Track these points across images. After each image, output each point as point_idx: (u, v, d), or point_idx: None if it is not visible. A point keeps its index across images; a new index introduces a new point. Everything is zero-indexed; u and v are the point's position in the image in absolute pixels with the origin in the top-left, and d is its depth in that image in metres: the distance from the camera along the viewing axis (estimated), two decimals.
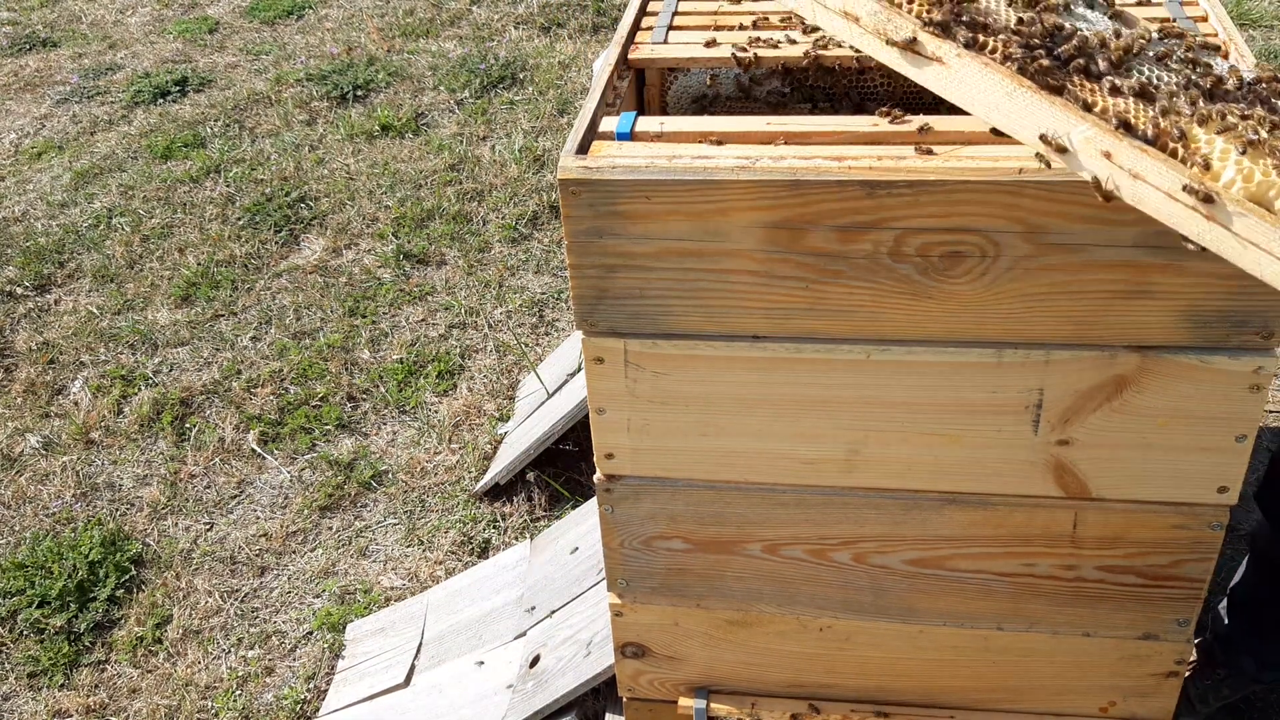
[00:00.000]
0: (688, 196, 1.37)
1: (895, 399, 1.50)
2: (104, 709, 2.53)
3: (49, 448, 3.26)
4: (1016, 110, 1.24)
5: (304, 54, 5.52)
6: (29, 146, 4.93)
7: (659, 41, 1.74)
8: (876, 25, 1.30)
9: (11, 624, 2.74)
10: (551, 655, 2.23)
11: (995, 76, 1.24)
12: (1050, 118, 1.22)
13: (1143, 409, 1.45)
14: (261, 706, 2.50)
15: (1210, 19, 1.67)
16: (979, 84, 1.25)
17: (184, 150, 4.73)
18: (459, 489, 2.99)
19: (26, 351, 3.64)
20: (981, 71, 1.25)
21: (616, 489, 1.66)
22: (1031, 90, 1.22)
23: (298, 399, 3.33)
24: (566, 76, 5.04)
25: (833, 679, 1.82)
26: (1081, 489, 1.54)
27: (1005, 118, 1.25)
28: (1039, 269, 1.36)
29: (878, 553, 1.66)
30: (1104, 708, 1.77)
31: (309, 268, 3.92)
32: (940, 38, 1.26)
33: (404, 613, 2.63)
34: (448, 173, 4.37)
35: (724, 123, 1.47)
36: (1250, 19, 4.98)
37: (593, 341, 1.51)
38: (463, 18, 5.79)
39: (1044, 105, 1.22)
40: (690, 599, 1.76)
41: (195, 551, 2.89)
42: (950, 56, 1.26)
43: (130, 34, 6.02)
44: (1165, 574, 1.60)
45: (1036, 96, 1.22)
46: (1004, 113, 1.25)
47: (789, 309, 1.44)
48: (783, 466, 1.59)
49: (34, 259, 4.08)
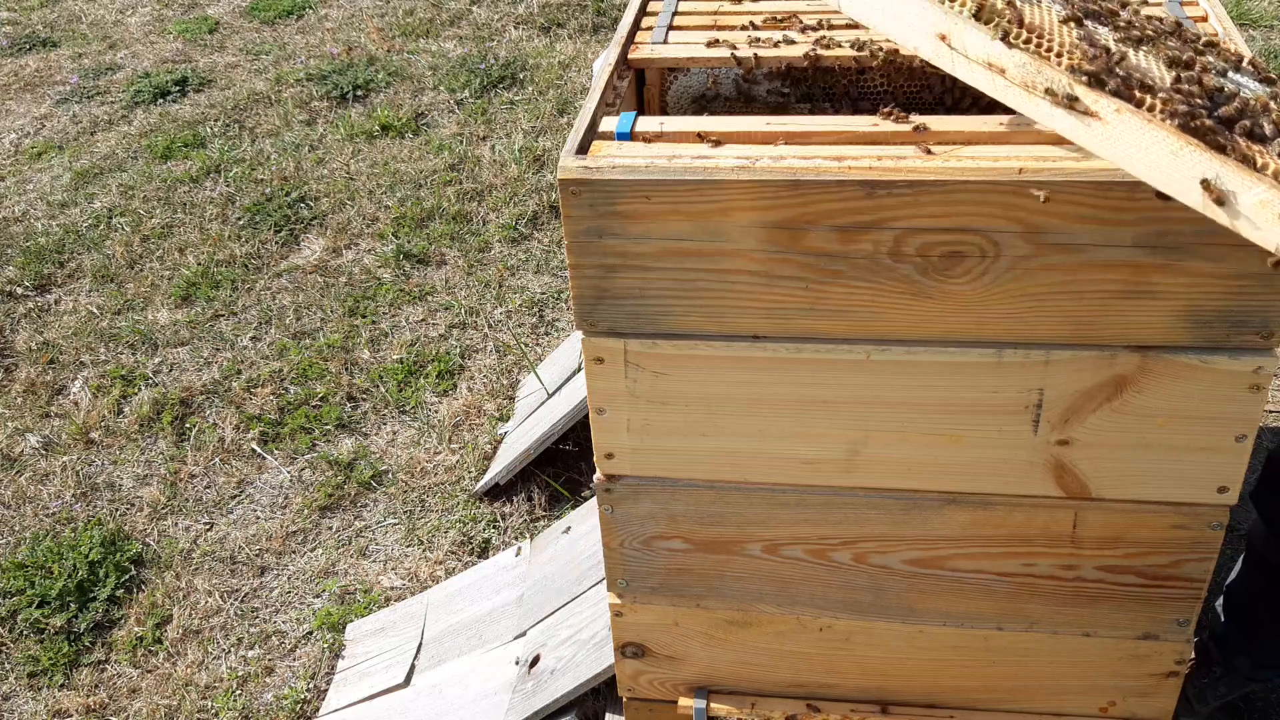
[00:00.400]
0: (688, 196, 1.37)
1: (895, 399, 1.50)
2: (104, 709, 2.53)
3: (49, 448, 3.26)
4: (1181, 170, 1.16)
5: (304, 54, 5.52)
6: (29, 146, 4.93)
7: (659, 41, 1.74)
8: (1025, 78, 1.24)
9: (11, 624, 2.74)
10: (551, 655, 2.23)
11: (1159, 133, 1.17)
12: (1219, 177, 1.14)
13: (1143, 409, 1.45)
14: (261, 706, 2.50)
15: (1210, 19, 1.67)
16: (1139, 141, 1.18)
17: (184, 150, 4.73)
18: (459, 489, 2.99)
19: (26, 351, 3.64)
20: (1143, 128, 1.18)
21: (616, 489, 1.66)
22: (1199, 149, 1.15)
23: (298, 399, 3.33)
24: (566, 76, 5.04)
25: (833, 679, 1.82)
26: (1081, 489, 1.54)
27: (1167, 177, 1.17)
28: (1039, 269, 1.36)
29: (878, 553, 1.66)
30: (1104, 708, 1.77)
31: (309, 268, 3.92)
32: (1096, 91, 1.20)
33: (404, 613, 2.63)
34: (448, 173, 4.37)
35: (724, 123, 1.47)
36: (1250, 19, 4.98)
37: (593, 341, 1.51)
38: (463, 18, 5.79)
39: (1214, 163, 1.14)
40: (690, 599, 1.77)
41: (195, 551, 2.89)
42: (1108, 112, 1.19)
43: (130, 34, 6.02)
44: (1165, 574, 1.60)
45: (1205, 155, 1.14)
46: (1166, 172, 1.17)
47: (789, 309, 1.44)
48: (783, 466, 1.59)
49: (34, 259, 4.08)
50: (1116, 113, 1.18)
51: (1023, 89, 1.23)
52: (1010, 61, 1.24)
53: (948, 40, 1.26)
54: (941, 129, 1.40)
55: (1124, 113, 1.18)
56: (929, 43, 1.28)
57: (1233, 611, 2.12)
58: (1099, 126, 1.20)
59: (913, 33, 1.29)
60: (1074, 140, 1.23)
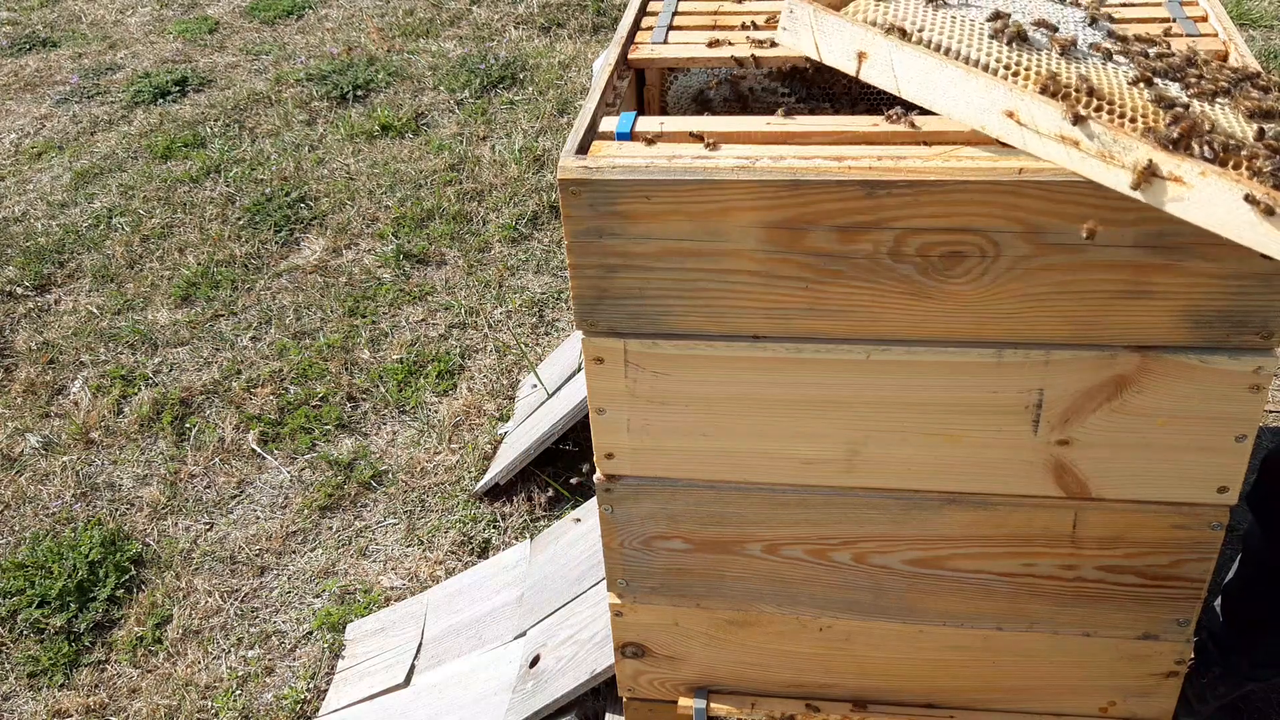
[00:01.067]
0: (688, 196, 1.37)
1: (895, 399, 1.50)
2: (104, 709, 2.53)
3: (49, 448, 3.26)
4: (1275, 229, 1.13)
5: (304, 54, 5.52)
6: (29, 146, 4.93)
7: (659, 41, 1.74)
8: (1101, 149, 1.20)
9: (11, 624, 2.74)
10: (551, 655, 2.23)
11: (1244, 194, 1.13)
12: None
13: (1143, 409, 1.45)
14: (261, 706, 2.50)
15: (1210, 19, 1.67)
16: (1227, 203, 1.14)
17: (184, 150, 4.73)
18: (459, 489, 2.99)
19: (26, 351, 3.64)
20: (1231, 189, 1.13)
21: (616, 489, 1.66)
22: None
23: (298, 399, 3.33)
24: (566, 76, 5.04)
25: (833, 679, 1.82)
26: (1081, 489, 1.54)
27: (1262, 237, 1.14)
28: (1039, 269, 1.36)
29: (878, 553, 1.66)
30: (1104, 708, 1.77)
31: (309, 268, 3.92)
32: (1177, 155, 1.16)
33: (404, 613, 2.63)
34: (448, 173, 4.37)
35: (724, 123, 1.47)
36: (1250, 19, 4.98)
37: (593, 341, 1.51)
38: (463, 18, 5.79)
39: None
40: (690, 599, 1.77)
41: (195, 551, 2.89)
42: (1192, 175, 1.15)
43: (130, 34, 6.02)
44: (1165, 574, 1.60)
45: None
46: (1261, 231, 1.14)
47: (789, 309, 1.44)
48: (783, 466, 1.59)
49: (34, 259, 4.08)
50: (1201, 176, 1.14)
51: (1099, 160, 1.19)
52: (1083, 134, 1.19)
53: (1015, 117, 1.22)
54: (942, 129, 1.39)
55: (1209, 175, 1.14)
56: (996, 120, 1.23)
57: (1230, 611, 2.12)
58: (1185, 192, 1.15)
59: (977, 111, 1.24)
60: (1163, 209, 1.17)
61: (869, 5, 1.34)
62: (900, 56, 1.28)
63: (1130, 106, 1.22)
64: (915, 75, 1.27)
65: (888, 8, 1.35)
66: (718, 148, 1.40)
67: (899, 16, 1.32)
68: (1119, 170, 1.18)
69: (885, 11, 1.34)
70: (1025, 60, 1.26)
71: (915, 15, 1.32)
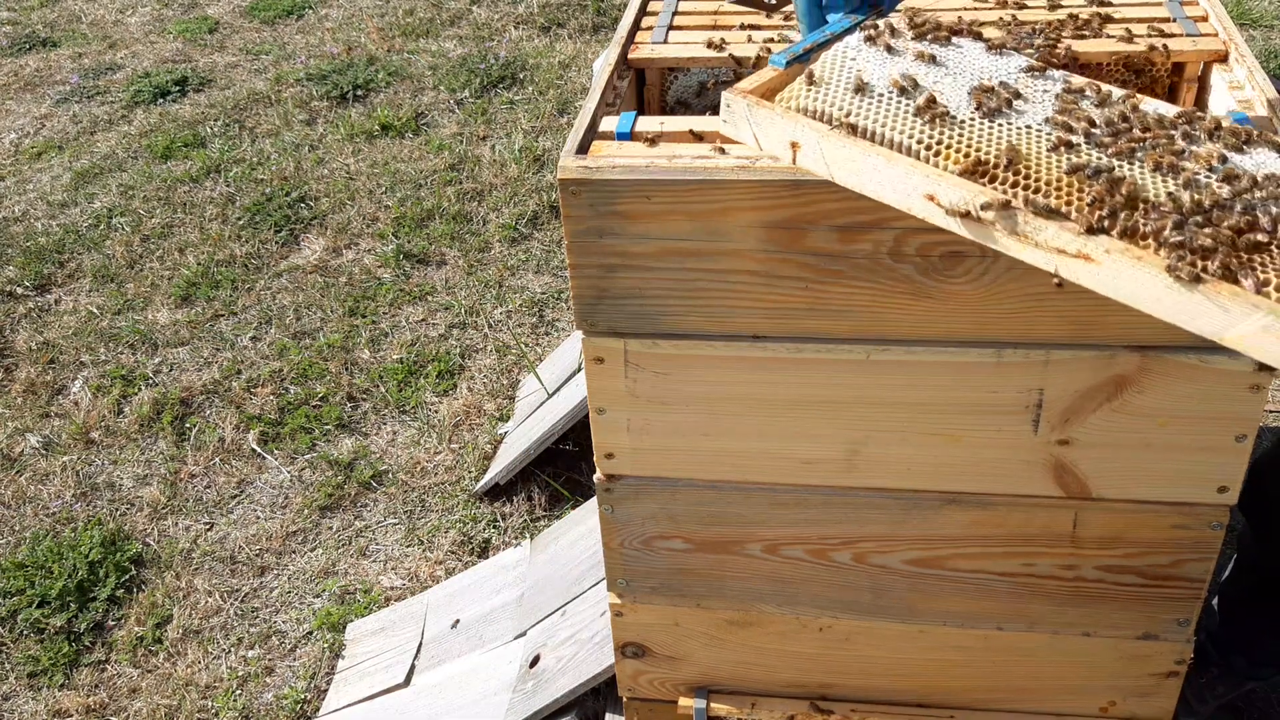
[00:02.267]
0: (688, 196, 1.37)
1: (895, 399, 1.50)
2: (104, 709, 2.53)
3: (49, 448, 3.26)
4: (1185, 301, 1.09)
5: (304, 54, 5.52)
6: (29, 146, 4.93)
7: (659, 41, 1.74)
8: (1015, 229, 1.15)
9: (11, 624, 2.74)
10: (551, 655, 2.23)
11: (1150, 270, 1.09)
12: (1212, 313, 1.07)
13: (1143, 409, 1.45)
14: (261, 706, 2.51)
15: (1210, 19, 1.67)
16: (1135, 277, 1.10)
17: (184, 150, 4.73)
18: (459, 489, 2.99)
19: (26, 351, 3.64)
20: (1135, 265, 1.10)
21: (616, 489, 1.66)
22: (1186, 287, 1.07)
23: (298, 399, 3.33)
24: (566, 76, 5.04)
25: (833, 679, 1.82)
26: (1081, 489, 1.54)
27: (1168, 310, 1.10)
28: (1039, 269, 1.36)
29: (878, 553, 1.66)
30: (1104, 708, 1.77)
31: (309, 268, 3.92)
32: (1085, 236, 1.12)
33: (404, 613, 2.63)
34: (448, 173, 4.37)
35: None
36: (1250, 19, 4.98)
37: (593, 341, 1.51)
38: (463, 18, 5.79)
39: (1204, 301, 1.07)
40: (690, 599, 1.76)
41: (195, 551, 2.90)
42: (1098, 252, 1.11)
43: (130, 34, 6.02)
44: (1165, 574, 1.60)
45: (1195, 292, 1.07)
46: (1167, 306, 1.09)
47: (789, 309, 1.44)
48: (783, 466, 1.59)
49: (34, 259, 4.08)
50: (1106, 253, 1.11)
51: (1014, 239, 1.16)
52: (996, 216, 1.16)
53: (936, 200, 1.19)
54: None
55: (1113, 253, 1.11)
56: (920, 204, 1.20)
57: (1228, 611, 2.12)
58: (1093, 268, 1.12)
59: (903, 195, 1.21)
60: (1081, 284, 1.14)
61: (801, 91, 1.30)
62: (828, 145, 1.25)
63: (1046, 180, 1.18)
64: (843, 162, 1.25)
65: (817, 93, 1.29)
66: (725, 152, 1.39)
67: (828, 100, 1.28)
68: (1032, 249, 1.16)
69: (815, 97, 1.29)
70: (948, 137, 1.22)
71: (843, 99, 1.29)
